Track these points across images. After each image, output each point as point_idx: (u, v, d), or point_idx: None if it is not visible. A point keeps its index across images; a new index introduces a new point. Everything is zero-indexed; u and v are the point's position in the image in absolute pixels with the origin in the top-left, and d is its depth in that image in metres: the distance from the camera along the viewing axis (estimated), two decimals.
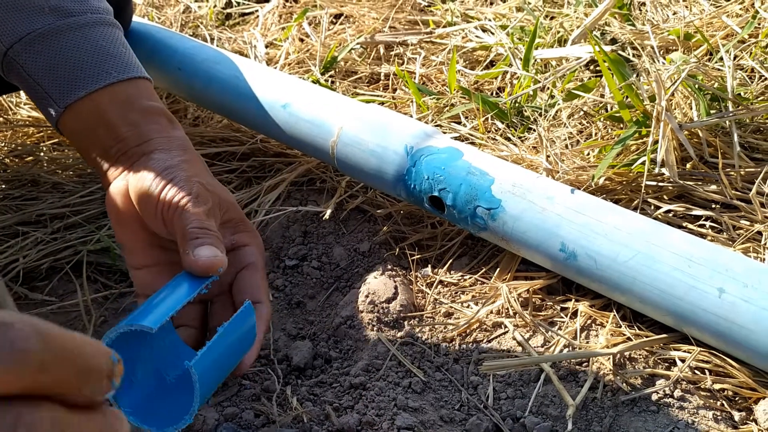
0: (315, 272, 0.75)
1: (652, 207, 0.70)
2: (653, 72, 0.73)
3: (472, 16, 1.11)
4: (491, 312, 0.66)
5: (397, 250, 0.75)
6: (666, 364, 0.59)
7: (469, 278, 0.70)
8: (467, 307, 0.67)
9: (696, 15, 0.95)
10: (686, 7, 0.99)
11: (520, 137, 0.84)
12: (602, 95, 0.85)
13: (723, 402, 0.55)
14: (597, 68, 0.92)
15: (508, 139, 0.83)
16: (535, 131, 0.81)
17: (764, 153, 0.75)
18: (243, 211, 0.60)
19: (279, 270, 0.76)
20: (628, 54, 0.90)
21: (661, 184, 0.72)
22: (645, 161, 0.71)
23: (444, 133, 0.75)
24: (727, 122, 0.75)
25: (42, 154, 0.94)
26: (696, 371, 0.57)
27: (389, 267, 0.72)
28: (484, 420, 0.56)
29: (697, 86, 0.77)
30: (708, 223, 0.69)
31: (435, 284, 0.70)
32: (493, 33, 1.03)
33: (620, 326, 0.62)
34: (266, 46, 1.12)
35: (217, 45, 1.14)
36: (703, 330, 0.55)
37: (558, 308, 0.65)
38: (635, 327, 0.62)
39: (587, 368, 0.59)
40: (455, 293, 0.69)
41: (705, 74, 0.79)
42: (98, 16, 0.63)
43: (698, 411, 0.54)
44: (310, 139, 0.75)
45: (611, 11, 0.96)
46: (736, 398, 0.56)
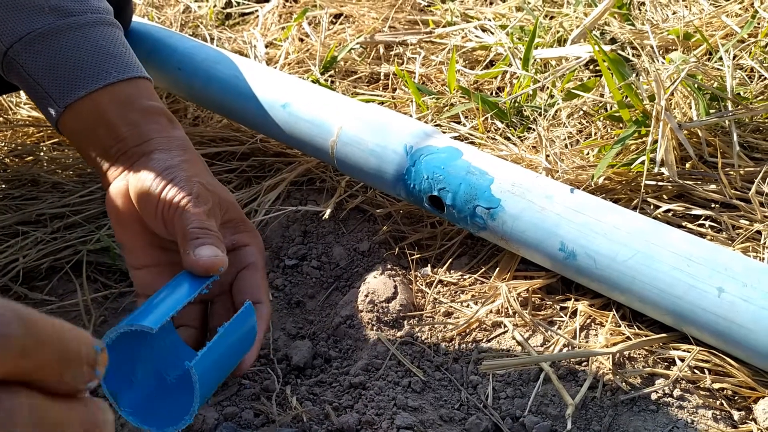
0: (315, 272, 0.75)
1: (652, 206, 0.70)
2: (653, 71, 0.73)
3: (472, 16, 1.11)
4: (491, 311, 0.66)
5: (397, 250, 0.75)
6: (665, 364, 0.59)
7: (469, 278, 0.70)
8: (467, 307, 0.67)
9: (695, 15, 0.95)
10: (686, 7, 0.99)
11: (520, 137, 0.84)
12: (602, 95, 0.85)
13: (722, 401, 0.55)
14: (596, 68, 0.93)
15: (508, 139, 0.84)
16: (535, 131, 0.81)
17: (764, 152, 0.75)
18: (243, 211, 0.60)
19: (279, 269, 0.76)
20: (628, 54, 0.90)
21: (661, 184, 0.72)
22: (644, 161, 0.71)
23: (443, 133, 0.75)
24: (727, 122, 0.75)
25: (42, 154, 0.94)
26: (695, 370, 0.57)
27: (389, 266, 0.72)
28: (484, 419, 0.56)
29: (697, 86, 0.77)
30: (707, 223, 0.69)
31: (434, 284, 0.70)
32: (493, 33, 1.04)
33: (620, 326, 0.62)
34: (266, 46, 1.12)
35: (217, 45, 1.14)
36: (703, 329, 0.55)
37: (557, 308, 0.65)
38: (635, 326, 0.62)
39: (587, 368, 0.59)
40: (455, 293, 0.70)
41: (704, 74, 0.79)
42: (98, 16, 0.63)
43: (697, 410, 0.54)
44: (310, 139, 0.76)
45: (611, 11, 0.96)
46: (736, 397, 0.56)
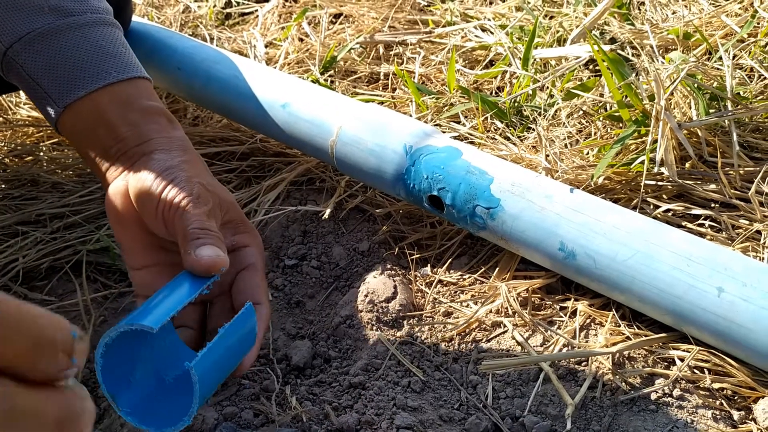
0: (314, 272, 0.75)
1: (651, 206, 0.70)
2: (652, 71, 0.73)
3: (472, 16, 1.11)
4: (490, 311, 0.66)
5: (397, 250, 0.75)
6: (665, 364, 0.59)
7: (469, 278, 0.70)
8: (466, 307, 0.67)
9: (695, 14, 0.95)
10: (685, 7, 0.99)
11: (520, 136, 0.84)
12: (601, 94, 0.85)
13: (722, 401, 0.55)
14: (596, 68, 0.93)
15: (508, 139, 0.84)
16: (535, 130, 0.81)
17: (763, 152, 0.75)
18: (243, 212, 0.60)
19: (278, 269, 0.76)
20: (628, 53, 0.90)
21: (661, 184, 0.72)
22: (644, 160, 0.71)
23: (443, 133, 0.75)
24: (726, 121, 0.75)
25: (42, 154, 0.94)
26: (695, 370, 0.57)
27: (388, 266, 0.72)
28: (483, 419, 0.56)
29: (697, 85, 0.77)
30: (707, 222, 0.69)
31: (434, 284, 0.70)
32: (493, 32, 1.03)
33: (619, 325, 0.62)
34: (266, 46, 1.12)
35: (217, 45, 1.14)
36: (702, 329, 0.55)
37: (557, 307, 0.65)
38: (634, 326, 0.62)
39: (586, 367, 0.59)
40: (454, 293, 0.70)
41: (704, 73, 0.79)
42: (98, 16, 0.63)
43: (697, 410, 0.54)
44: (310, 139, 0.76)
45: (610, 11, 0.96)
46: (735, 397, 0.56)
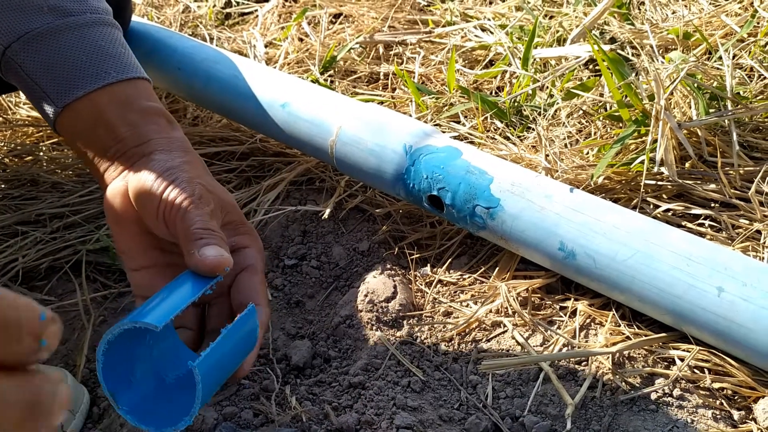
0: (314, 271, 0.75)
1: (651, 206, 0.70)
2: (652, 71, 0.73)
3: (472, 16, 1.11)
4: (490, 311, 0.66)
5: (396, 250, 0.75)
6: (665, 363, 0.59)
7: (468, 277, 0.70)
8: (466, 307, 0.67)
9: (695, 14, 0.95)
10: (685, 6, 0.99)
11: (519, 136, 0.84)
12: (601, 94, 0.85)
13: (722, 401, 0.55)
14: (596, 67, 0.92)
15: (507, 138, 0.83)
16: (534, 130, 0.81)
17: (763, 152, 0.75)
18: (242, 213, 0.60)
19: (278, 269, 0.76)
20: (627, 53, 0.90)
21: (660, 183, 0.72)
22: (644, 160, 0.71)
23: (443, 133, 0.75)
24: (726, 121, 0.75)
25: (41, 154, 0.94)
26: (695, 370, 0.57)
27: (388, 266, 0.72)
28: (483, 419, 0.56)
29: (696, 85, 0.76)
30: (707, 222, 0.69)
31: (434, 283, 0.70)
32: (492, 32, 1.03)
33: (619, 325, 0.62)
34: (265, 46, 1.12)
35: (217, 44, 1.14)
36: (702, 329, 0.55)
37: (557, 307, 0.65)
38: (634, 326, 0.62)
39: (586, 367, 0.59)
40: (454, 292, 0.69)
41: (704, 73, 0.79)
42: (97, 16, 0.63)
43: (697, 410, 0.54)
44: (309, 139, 0.75)
45: (610, 10, 0.96)
46: (736, 397, 0.56)
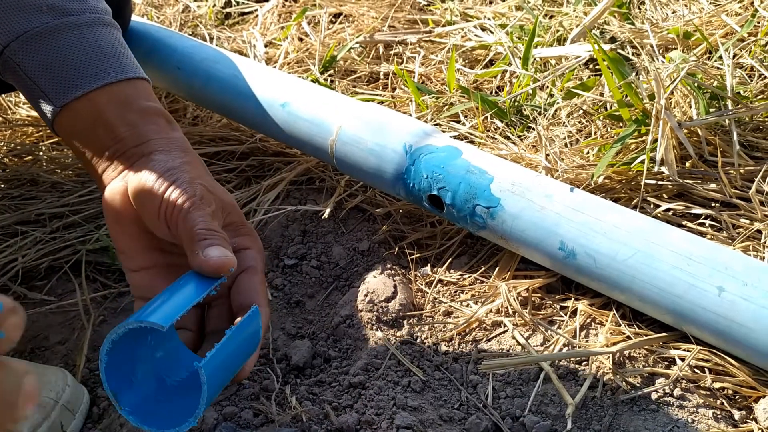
0: (314, 271, 0.75)
1: (652, 205, 0.70)
2: (652, 70, 0.73)
3: (472, 15, 1.11)
4: (490, 311, 0.66)
5: (397, 249, 0.75)
6: (665, 363, 0.59)
7: (469, 277, 0.70)
8: (466, 306, 0.67)
9: (695, 13, 0.95)
10: (685, 6, 0.99)
11: (520, 136, 0.84)
12: (601, 94, 0.85)
13: (723, 401, 0.55)
14: (596, 67, 0.92)
15: (508, 138, 0.83)
16: (535, 130, 0.81)
17: (764, 151, 0.75)
18: (242, 213, 0.60)
19: (278, 269, 0.76)
20: (628, 53, 0.90)
21: (661, 183, 0.71)
22: (644, 160, 0.71)
23: (443, 132, 0.75)
24: (727, 121, 0.75)
25: (41, 154, 0.94)
26: (696, 370, 0.57)
27: (388, 266, 0.72)
28: (484, 419, 0.56)
29: (697, 85, 0.76)
30: (707, 222, 0.69)
31: (434, 283, 0.70)
32: (493, 32, 1.03)
33: (620, 325, 0.62)
34: (265, 46, 1.12)
35: (217, 44, 1.14)
36: (703, 328, 0.55)
37: (557, 307, 0.65)
38: (635, 326, 0.62)
39: (587, 367, 0.58)
40: (454, 292, 0.69)
41: (704, 73, 0.79)
42: (96, 16, 0.63)
43: (698, 410, 0.54)
44: (309, 138, 0.75)
45: (610, 10, 0.96)
46: (736, 397, 0.56)
